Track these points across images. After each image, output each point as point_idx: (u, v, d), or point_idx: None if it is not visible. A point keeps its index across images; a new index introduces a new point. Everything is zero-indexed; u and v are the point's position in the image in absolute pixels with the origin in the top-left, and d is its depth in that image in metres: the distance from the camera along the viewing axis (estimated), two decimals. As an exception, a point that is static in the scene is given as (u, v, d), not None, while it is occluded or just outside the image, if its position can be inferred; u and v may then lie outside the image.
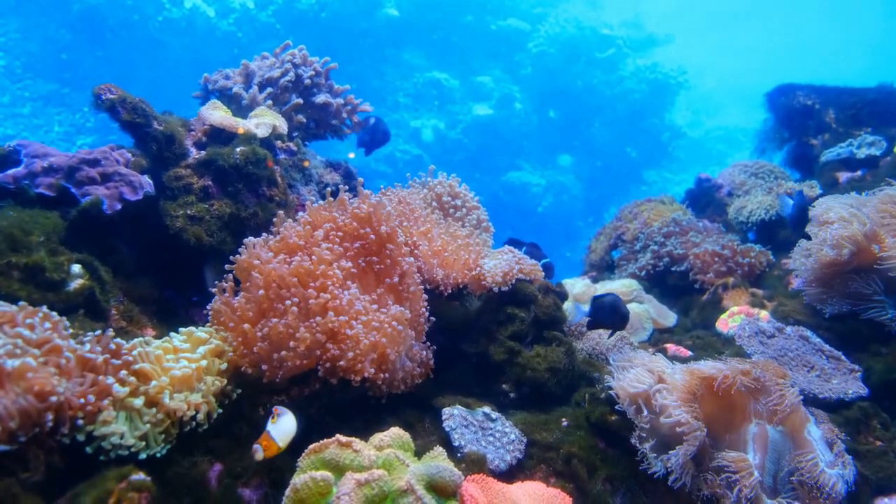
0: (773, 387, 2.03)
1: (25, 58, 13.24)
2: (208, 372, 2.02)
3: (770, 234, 4.12)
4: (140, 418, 1.80)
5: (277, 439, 1.77)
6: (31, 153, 2.42)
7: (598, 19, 17.64)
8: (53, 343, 1.69)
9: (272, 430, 1.78)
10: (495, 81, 16.38)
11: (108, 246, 2.46)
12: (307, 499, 1.56)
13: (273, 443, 1.77)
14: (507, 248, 2.86)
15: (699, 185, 4.99)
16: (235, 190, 2.71)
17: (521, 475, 2.07)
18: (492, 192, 15.26)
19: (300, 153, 3.21)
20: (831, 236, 2.74)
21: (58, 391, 1.60)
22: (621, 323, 2.62)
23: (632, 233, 4.42)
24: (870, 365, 2.61)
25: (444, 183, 3.00)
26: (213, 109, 2.94)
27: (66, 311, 1.96)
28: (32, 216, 2.24)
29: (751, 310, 3.24)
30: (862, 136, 4.24)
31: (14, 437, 1.54)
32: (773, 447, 1.97)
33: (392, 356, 2.13)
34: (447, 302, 2.65)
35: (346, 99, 3.56)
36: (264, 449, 1.75)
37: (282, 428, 1.80)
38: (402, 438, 1.82)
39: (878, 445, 2.25)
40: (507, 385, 2.52)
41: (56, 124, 13.26)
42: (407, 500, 1.57)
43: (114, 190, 2.44)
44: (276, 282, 2.13)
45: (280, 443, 1.78)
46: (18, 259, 2.03)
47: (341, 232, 2.35)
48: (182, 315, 2.67)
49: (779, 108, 4.99)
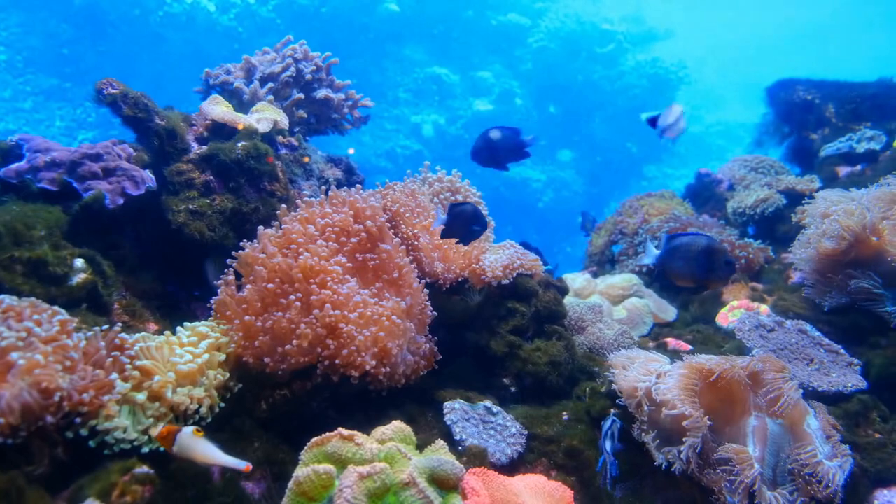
0: (773, 380, 2.04)
1: (27, 52, 13.23)
2: (210, 366, 2.03)
3: (770, 229, 4.13)
4: (143, 412, 1.81)
5: (185, 432, 1.63)
6: (33, 148, 2.43)
7: (598, 14, 17.61)
8: (60, 339, 1.70)
9: (187, 431, 1.63)
10: (496, 77, 16.36)
11: (110, 240, 2.47)
12: (310, 491, 1.57)
13: (173, 428, 1.64)
14: (509, 243, 2.86)
15: (699, 179, 4.99)
16: (237, 185, 2.71)
17: (523, 468, 2.08)
18: (492, 188, 15.24)
19: (301, 148, 3.22)
20: (831, 227, 2.75)
21: (63, 387, 1.61)
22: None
23: (632, 227, 4.42)
24: (869, 358, 2.62)
25: (445, 178, 3.01)
26: (215, 104, 2.95)
27: (68, 305, 1.97)
28: (35, 210, 2.25)
29: (751, 304, 3.25)
30: (862, 131, 4.24)
31: (16, 430, 1.55)
32: (772, 440, 1.98)
33: (394, 350, 2.14)
34: (448, 296, 2.67)
35: (346, 94, 3.57)
36: (165, 429, 1.64)
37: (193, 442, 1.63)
38: (404, 432, 1.83)
39: (877, 438, 2.26)
40: (507, 379, 2.54)
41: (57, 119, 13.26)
42: (409, 492, 1.58)
43: (116, 185, 2.45)
44: (280, 276, 2.15)
45: (181, 438, 1.62)
46: (21, 253, 2.04)
47: (337, 227, 2.36)
48: (184, 309, 2.68)
49: (779, 103, 4.99)
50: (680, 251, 1.93)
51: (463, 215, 2.14)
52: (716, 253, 1.91)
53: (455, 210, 2.17)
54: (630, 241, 4.37)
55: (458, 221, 2.16)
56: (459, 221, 2.16)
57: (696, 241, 1.93)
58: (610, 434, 1.93)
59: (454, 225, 2.17)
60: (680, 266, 1.95)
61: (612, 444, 1.91)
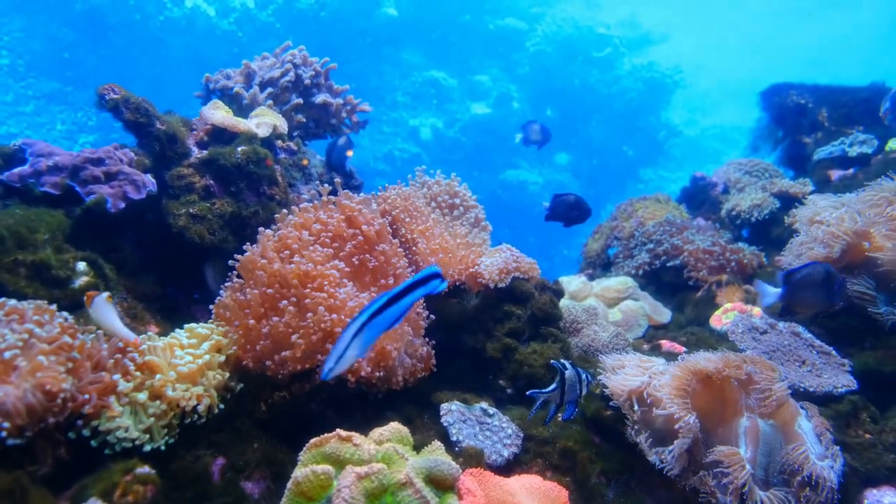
0: (764, 381, 2.08)
1: (28, 56, 13.24)
2: (210, 367, 2.06)
3: (764, 232, 4.17)
4: (144, 412, 1.84)
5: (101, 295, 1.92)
6: (36, 152, 2.46)
7: (594, 19, 17.67)
8: (63, 341, 1.72)
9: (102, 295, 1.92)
10: (493, 80, 16.39)
11: (112, 244, 2.51)
12: (308, 491, 1.59)
13: (94, 293, 1.92)
14: (505, 247, 2.89)
15: (694, 183, 5.03)
16: (237, 189, 2.74)
17: (519, 469, 2.10)
18: (490, 191, 15.28)
19: (300, 153, 3.25)
20: (822, 234, 2.78)
21: (66, 388, 1.63)
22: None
23: (627, 231, 4.46)
24: (860, 359, 2.65)
25: (443, 182, 3.04)
26: (215, 109, 2.98)
27: (71, 307, 2.00)
28: (38, 214, 2.28)
29: (744, 306, 3.29)
30: (854, 135, 4.29)
31: (21, 431, 1.58)
32: (764, 440, 2.01)
33: (392, 354, 2.16)
34: (445, 299, 2.70)
35: (345, 99, 3.60)
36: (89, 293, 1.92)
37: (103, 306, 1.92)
38: (402, 433, 1.86)
39: (867, 438, 2.29)
40: (503, 381, 2.56)
41: (58, 123, 13.26)
42: (406, 492, 1.60)
43: (118, 189, 2.48)
44: (279, 281, 2.17)
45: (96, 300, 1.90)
46: (25, 256, 2.07)
47: (330, 232, 2.38)
48: (184, 312, 2.71)
49: (773, 107, 5.03)
50: (803, 284, 2.05)
51: (565, 203, 2.40)
52: (833, 277, 2.04)
53: (558, 199, 2.41)
54: (625, 244, 4.41)
55: (560, 209, 2.41)
56: (562, 209, 2.41)
57: (816, 271, 2.04)
58: (586, 382, 1.98)
59: (557, 211, 2.41)
60: (808, 297, 2.08)
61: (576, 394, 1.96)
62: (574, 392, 1.94)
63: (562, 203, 2.66)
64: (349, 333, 1.46)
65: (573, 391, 1.94)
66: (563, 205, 2.66)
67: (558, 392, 1.92)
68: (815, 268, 2.03)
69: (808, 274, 2.00)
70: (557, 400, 1.93)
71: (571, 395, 1.94)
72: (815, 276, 2.00)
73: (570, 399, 1.94)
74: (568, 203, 2.52)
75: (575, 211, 2.64)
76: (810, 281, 2.01)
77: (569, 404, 1.94)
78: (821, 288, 2.02)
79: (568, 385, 1.93)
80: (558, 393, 1.92)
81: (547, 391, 1.93)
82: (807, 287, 2.03)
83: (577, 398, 1.96)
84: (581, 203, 2.63)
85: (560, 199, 2.64)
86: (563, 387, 1.92)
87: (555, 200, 2.53)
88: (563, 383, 1.92)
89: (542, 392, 1.94)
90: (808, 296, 2.07)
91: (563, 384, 1.92)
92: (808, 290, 2.04)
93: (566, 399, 1.93)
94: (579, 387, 1.95)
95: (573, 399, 1.95)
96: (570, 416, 1.97)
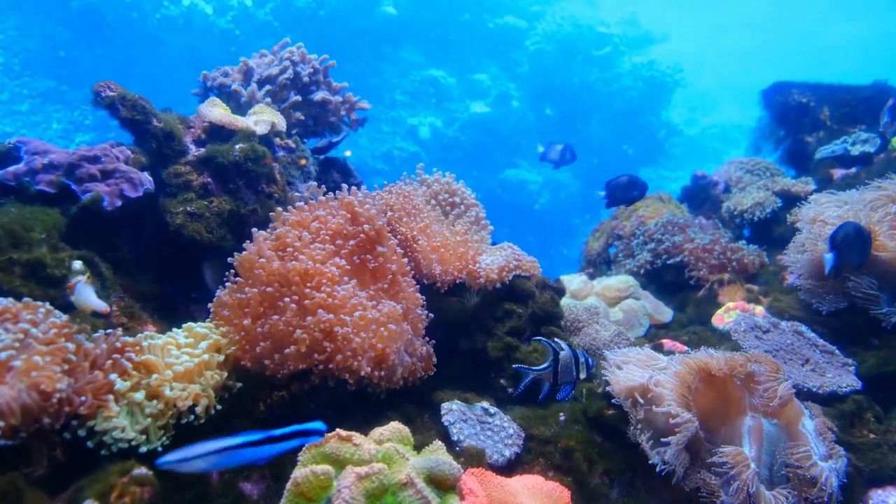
0: (768, 380, 2.06)
1: (24, 55, 13.22)
2: (208, 366, 2.04)
3: (766, 231, 4.15)
4: (141, 412, 1.81)
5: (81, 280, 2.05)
6: (31, 150, 2.43)
7: (594, 17, 17.67)
8: (58, 341, 1.70)
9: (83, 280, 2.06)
10: (492, 79, 16.38)
11: (108, 242, 2.48)
12: (308, 492, 1.57)
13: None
14: (506, 245, 2.87)
15: (695, 182, 5.01)
16: (235, 187, 2.72)
17: (520, 469, 2.09)
18: (489, 190, 15.26)
19: (298, 150, 3.23)
20: (826, 232, 2.76)
21: (61, 388, 1.61)
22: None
23: (628, 230, 4.44)
24: (864, 359, 2.64)
25: (442, 180, 3.02)
26: (212, 107, 2.95)
27: (67, 307, 1.98)
28: (33, 213, 2.26)
29: (746, 305, 3.27)
30: (856, 134, 4.27)
31: (16, 432, 1.55)
32: (768, 440, 1.99)
33: (391, 354, 2.14)
34: (445, 298, 2.67)
35: (344, 96, 3.58)
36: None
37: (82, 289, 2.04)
38: (402, 433, 1.84)
39: (871, 438, 2.28)
40: (504, 380, 2.55)
41: (54, 121, 13.24)
42: (407, 493, 1.58)
43: (114, 187, 2.46)
44: (279, 280, 2.15)
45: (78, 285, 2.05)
46: (20, 255, 2.05)
47: (330, 231, 2.36)
48: (182, 311, 2.69)
49: (774, 106, 5.02)
50: (846, 242, 2.18)
51: (620, 186, 2.51)
52: (862, 230, 2.18)
53: (612, 183, 2.52)
54: (626, 243, 4.39)
55: (618, 192, 2.53)
56: (620, 192, 2.53)
57: (850, 227, 2.16)
58: (585, 365, 1.96)
59: (616, 196, 2.52)
60: (851, 254, 2.20)
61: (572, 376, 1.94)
62: (570, 374, 1.92)
63: (617, 187, 2.80)
64: (213, 447, 1.41)
65: (569, 373, 1.92)
66: (618, 188, 2.80)
67: (551, 371, 1.90)
68: (848, 225, 2.14)
69: (846, 232, 2.11)
70: (550, 379, 1.91)
71: (567, 376, 1.91)
72: (850, 233, 2.12)
73: (566, 380, 1.92)
74: (623, 185, 2.67)
75: (634, 191, 2.80)
76: (849, 239, 2.14)
77: (565, 385, 1.92)
78: (858, 241, 2.14)
79: (562, 366, 1.91)
80: (551, 372, 1.90)
81: (538, 368, 1.91)
82: (849, 244, 2.16)
83: (575, 380, 1.93)
84: (635, 181, 2.81)
85: (614, 183, 2.79)
86: (557, 366, 1.90)
87: (609, 186, 2.64)
88: (556, 363, 1.90)
89: (532, 369, 1.92)
90: (851, 252, 2.19)
91: (556, 363, 1.90)
92: (850, 246, 2.16)
93: (562, 380, 1.91)
94: (576, 369, 1.93)
95: (570, 381, 1.93)
96: (566, 397, 1.95)
